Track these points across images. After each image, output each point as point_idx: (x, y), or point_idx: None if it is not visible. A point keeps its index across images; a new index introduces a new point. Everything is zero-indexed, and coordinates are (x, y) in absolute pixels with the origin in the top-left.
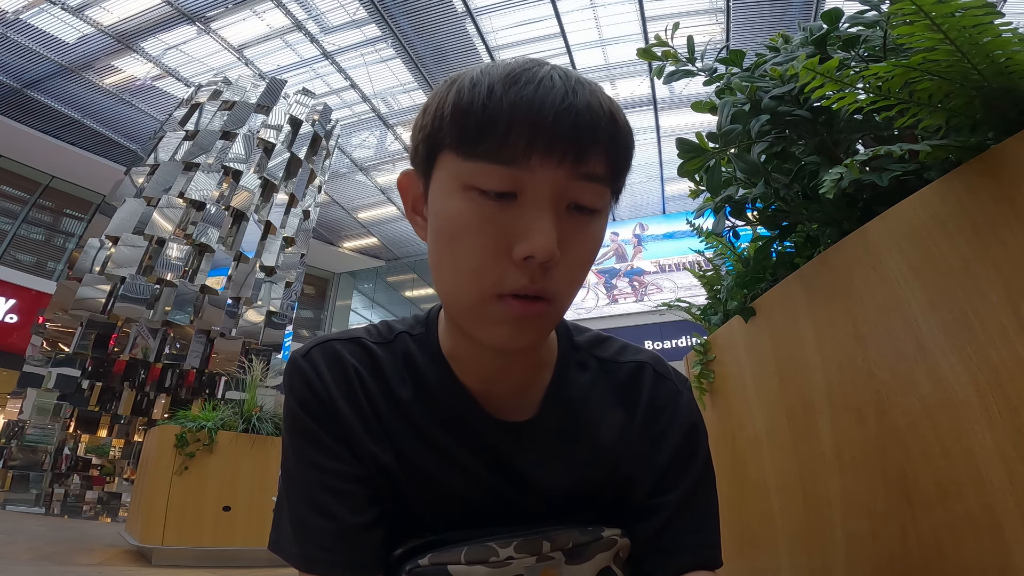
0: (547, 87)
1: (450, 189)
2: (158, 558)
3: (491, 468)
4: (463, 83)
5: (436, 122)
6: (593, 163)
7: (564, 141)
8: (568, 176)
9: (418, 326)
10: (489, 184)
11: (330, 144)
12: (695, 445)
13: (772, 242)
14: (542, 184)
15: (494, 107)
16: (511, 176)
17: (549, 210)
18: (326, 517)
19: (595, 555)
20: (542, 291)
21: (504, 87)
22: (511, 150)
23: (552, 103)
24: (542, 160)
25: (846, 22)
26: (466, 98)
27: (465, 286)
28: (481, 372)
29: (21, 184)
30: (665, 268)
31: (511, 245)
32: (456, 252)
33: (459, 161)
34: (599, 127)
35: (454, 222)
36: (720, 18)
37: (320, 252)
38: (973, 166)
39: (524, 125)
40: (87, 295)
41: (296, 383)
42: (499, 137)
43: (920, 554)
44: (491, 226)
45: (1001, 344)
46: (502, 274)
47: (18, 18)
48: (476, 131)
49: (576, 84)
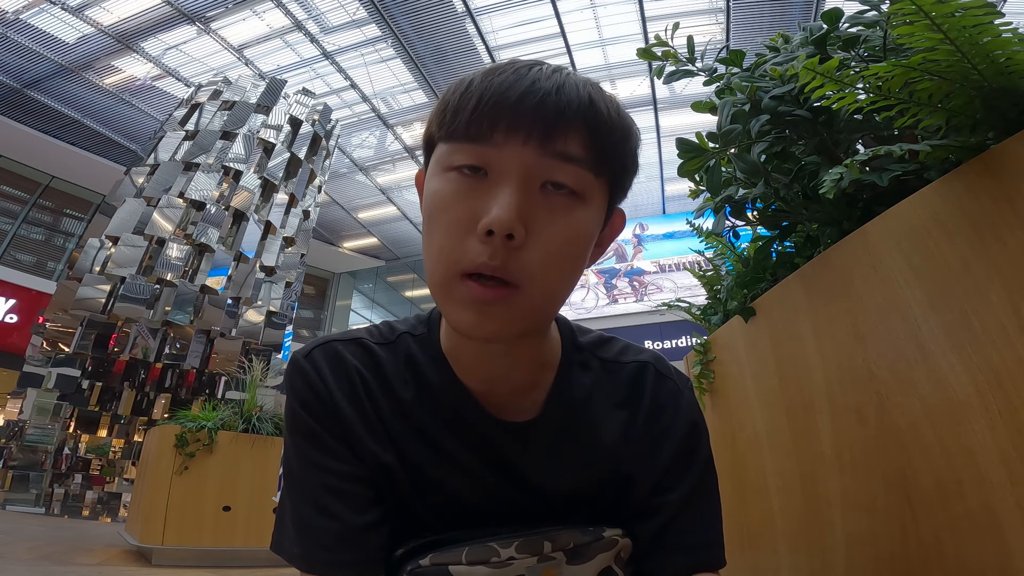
0: (520, 74)
1: (434, 172)
2: (158, 558)
3: (492, 469)
4: (453, 82)
5: (431, 120)
6: (563, 142)
7: (527, 118)
8: (537, 154)
9: (420, 326)
10: (461, 160)
11: (330, 144)
12: (696, 444)
13: (772, 242)
14: (508, 160)
15: (469, 93)
16: (479, 152)
17: (513, 184)
18: (328, 517)
19: (596, 555)
20: (506, 274)
21: (482, 78)
22: (476, 127)
23: (520, 86)
24: (506, 136)
25: (846, 22)
26: (452, 91)
27: (437, 264)
28: (481, 371)
29: (21, 184)
30: (665, 268)
31: (478, 221)
32: (432, 230)
33: (442, 146)
34: (568, 107)
35: (434, 201)
36: (720, 18)
37: (320, 252)
38: (973, 166)
39: (489, 104)
40: (87, 295)
41: (297, 383)
42: (467, 117)
43: (920, 554)
44: (462, 202)
45: (1001, 344)
46: (465, 250)
47: (18, 18)
48: (452, 115)
49: (554, 73)
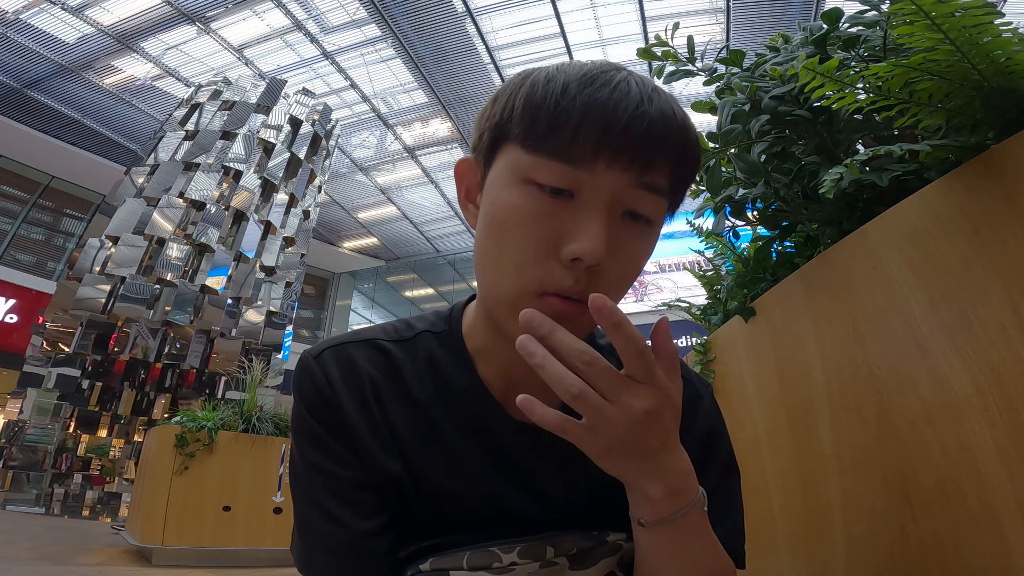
0: (623, 91)
1: (509, 180)
2: (158, 558)
3: (502, 473)
4: (537, 78)
5: (506, 112)
6: (657, 173)
7: (633, 147)
8: (630, 183)
9: (440, 323)
10: (548, 179)
11: (330, 144)
12: (713, 449)
13: (772, 242)
14: (601, 187)
15: (567, 105)
16: (572, 175)
17: (604, 213)
18: (333, 522)
19: (599, 560)
20: (584, 295)
21: (579, 87)
22: (578, 149)
23: (626, 108)
24: (608, 164)
25: (846, 22)
26: (540, 93)
27: (508, 278)
28: (506, 370)
29: (21, 184)
30: (665, 268)
31: (560, 244)
32: (504, 243)
33: (522, 154)
34: (670, 137)
35: (507, 213)
36: (720, 18)
37: (320, 252)
38: (973, 166)
39: (595, 126)
40: (87, 295)
41: (305, 384)
42: (568, 135)
43: (920, 554)
44: (543, 222)
45: (1001, 344)
46: (547, 272)
47: (18, 18)
48: (546, 126)
49: (652, 92)
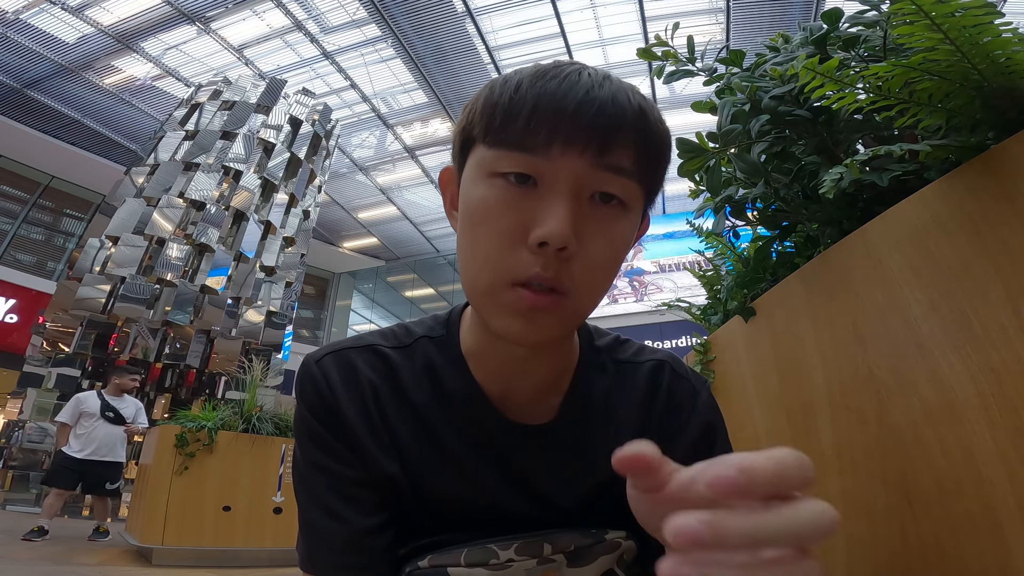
0: (572, 80)
1: (476, 177)
2: (158, 558)
3: (501, 476)
4: (496, 80)
5: (470, 116)
6: (617, 155)
7: (585, 130)
8: (590, 165)
9: (438, 328)
10: (510, 167)
11: (330, 144)
12: (711, 445)
13: (772, 242)
14: (560, 172)
15: (519, 99)
16: (531, 163)
17: (566, 196)
18: (334, 519)
19: (597, 558)
20: (556, 283)
21: (531, 81)
22: (532, 137)
23: (575, 95)
24: (563, 149)
25: (846, 22)
26: (497, 92)
27: (482, 271)
28: (502, 372)
29: (21, 184)
30: (665, 268)
31: (528, 231)
32: (476, 237)
33: (485, 150)
34: (624, 119)
35: (476, 206)
36: (720, 18)
37: (320, 252)
38: (973, 166)
39: (546, 113)
40: (87, 295)
41: (307, 387)
42: (522, 125)
43: (920, 554)
44: (510, 212)
45: (1001, 344)
46: (516, 260)
47: (18, 18)
48: (501, 120)
49: (604, 80)
